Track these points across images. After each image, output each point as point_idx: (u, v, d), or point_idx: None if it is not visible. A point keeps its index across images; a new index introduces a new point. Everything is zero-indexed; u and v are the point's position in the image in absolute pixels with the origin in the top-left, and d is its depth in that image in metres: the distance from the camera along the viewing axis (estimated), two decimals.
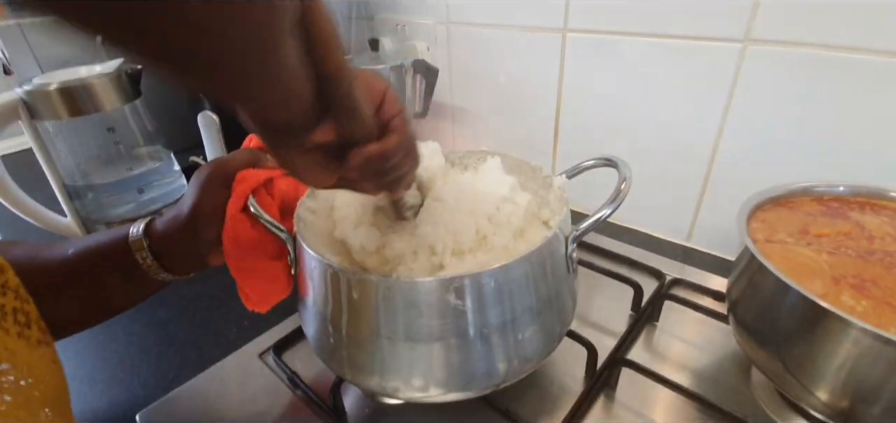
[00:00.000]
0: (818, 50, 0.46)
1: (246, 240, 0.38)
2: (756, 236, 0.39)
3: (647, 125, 0.61)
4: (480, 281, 0.31)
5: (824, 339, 0.31)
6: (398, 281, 0.31)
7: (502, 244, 0.36)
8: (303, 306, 0.39)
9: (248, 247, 0.38)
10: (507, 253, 0.36)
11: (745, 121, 0.53)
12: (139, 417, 0.44)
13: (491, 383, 0.35)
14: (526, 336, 0.34)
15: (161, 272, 0.39)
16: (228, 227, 0.37)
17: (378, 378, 0.34)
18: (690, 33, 0.53)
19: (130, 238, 0.38)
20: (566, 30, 0.63)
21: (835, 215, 0.41)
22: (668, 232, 0.65)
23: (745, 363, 0.45)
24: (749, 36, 0.49)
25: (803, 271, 0.35)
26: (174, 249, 0.39)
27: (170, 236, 0.38)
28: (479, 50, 0.75)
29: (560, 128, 0.70)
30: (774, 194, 0.43)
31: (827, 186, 0.43)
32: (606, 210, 0.35)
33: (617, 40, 0.59)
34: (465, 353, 0.33)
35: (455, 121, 0.85)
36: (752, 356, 0.39)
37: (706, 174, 0.58)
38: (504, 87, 0.74)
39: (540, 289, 0.34)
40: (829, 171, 0.48)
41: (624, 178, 0.36)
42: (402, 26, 0.84)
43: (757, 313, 0.37)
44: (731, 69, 0.51)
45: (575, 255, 0.36)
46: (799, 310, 0.32)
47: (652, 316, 0.51)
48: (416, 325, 0.32)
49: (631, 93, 0.61)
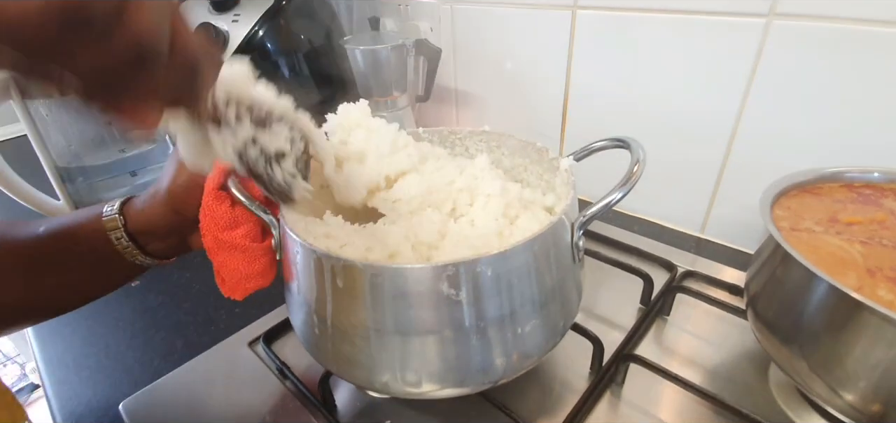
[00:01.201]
0: (849, 24, 0.42)
1: (223, 218, 0.35)
2: (780, 224, 0.36)
3: (660, 109, 0.57)
4: (476, 269, 0.28)
5: (857, 336, 0.28)
6: (386, 268, 0.29)
7: (493, 231, 0.34)
8: (288, 294, 0.36)
9: (224, 226, 0.35)
10: (501, 240, 0.34)
11: (766, 103, 0.49)
12: (122, 407, 0.42)
13: (488, 379, 0.32)
14: (526, 330, 0.31)
15: (138, 255, 0.36)
16: (205, 202, 0.35)
17: (366, 373, 0.32)
18: (709, 8, 0.49)
19: (104, 217, 0.35)
20: (576, 7, 0.60)
21: (867, 203, 0.37)
22: (680, 222, 0.62)
23: (763, 361, 0.42)
24: (774, 10, 0.45)
25: (834, 262, 0.31)
26: (153, 229, 0.36)
27: (147, 214, 0.36)
28: (483, 30, 0.71)
29: (568, 112, 0.67)
30: (800, 180, 0.40)
31: (860, 171, 0.40)
32: (617, 194, 0.32)
33: (629, 17, 0.56)
34: (460, 346, 0.30)
35: (458, 104, 0.82)
36: (772, 353, 0.36)
37: (723, 161, 0.55)
38: (509, 69, 0.71)
39: (543, 279, 0.31)
40: (857, 157, 0.44)
41: (637, 159, 0.33)
42: (404, 6, 0.80)
43: (780, 307, 0.34)
44: (754, 47, 0.48)
45: (582, 243, 0.33)
46: (829, 304, 0.29)
47: (662, 310, 0.48)
48: (406, 316, 0.29)
49: (643, 74, 0.57)
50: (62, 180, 0.66)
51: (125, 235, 0.35)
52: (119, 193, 0.68)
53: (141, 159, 0.69)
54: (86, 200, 0.67)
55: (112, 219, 0.35)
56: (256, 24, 0.68)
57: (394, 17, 0.83)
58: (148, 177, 0.70)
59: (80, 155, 0.67)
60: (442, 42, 0.76)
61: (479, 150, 0.46)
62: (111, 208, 0.36)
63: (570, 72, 0.64)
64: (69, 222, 0.36)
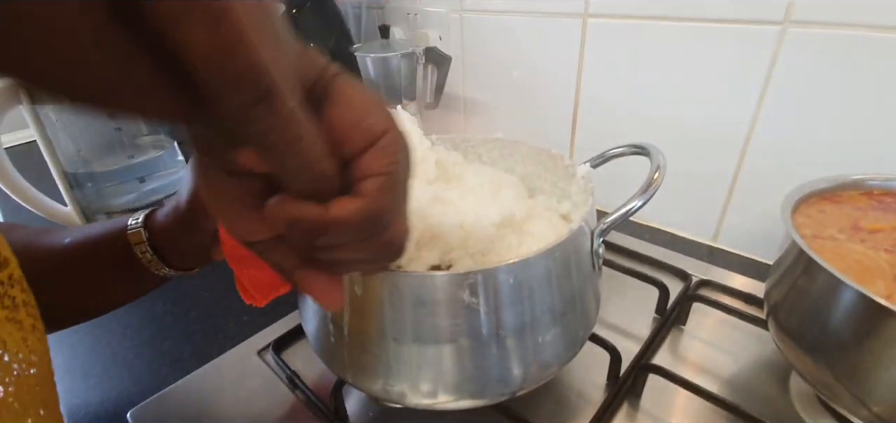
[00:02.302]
0: (865, 31, 0.42)
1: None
2: (803, 231, 0.35)
3: (672, 117, 0.57)
4: (497, 277, 0.28)
5: (886, 345, 0.28)
6: (406, 276, 0.28)
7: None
8: (302, 301, 0.36)
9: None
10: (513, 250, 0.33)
11: (781, 112, 0.49)
12: (130, 415, 0.41)
13: (506, 390, 0.31)
14: (546, 339, 0.31)
15: (162, 267, 0.36)
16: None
17: (382, 382, 0.31)
18: (723, 16, 0.49)
19: (129, 231, 0.35)
20: (587, 15, 0.60)
21: (888, 211, 0.37)
22: (692, 231, 0.61)
23: (783, 370, 0.41)
24: (789, 17, 0.45)
25: (861, 270, 0.31)
26: (175, 241, 0.36)
27: (170, 227, 0.35)
28: (493, 38, 0.71)
29: (578, 120, 0.67)
30: (821, 187, 0.39)
31: (882, 179, 0.39)
32: (637, 201, 0.31)
33: (640, 25, 0.55)
34: (479, 356, 0.30)
35: (467, 112, 0.82)
36: (795, 362, 0.35)
37: (736, 170, 0.54)
38: (519, 77, 0.71)
39: (563, 287, 0.31)
40: (871, 166, 0.44)
41: (657, 166, 0.33)
42: (414, 15, 0.81)
43: (803, 316, 0.33)
44: (768, 55, 0.47)
45: (602, 251, 0.33)
46: (857, 313, 0.29)
47: (678, 319, 0.47)
48: (425, 325, 0.29)
49: (655, 82, 0.57)
50: (70, 186, 0.65)
51: (149, 248, 0.35)
52: (127, 200, 0.68)
53: (149, 166, 0.69)
54: (93, 206, 0.67)
55: (137, 232, 0.35)
56: None
57: (403, 26, 0.83)
58: (156, 183, 0.69)
59: (89, 161, 0.67)
60: (451, 50, 0.76)
61: (491, 157, 0.46)
62: (136, 222, 0.36)
63: (581, 80, 0.64)
64: (94, 233, 0.36)
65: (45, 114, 0.63)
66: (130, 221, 0.36)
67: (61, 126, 0.65)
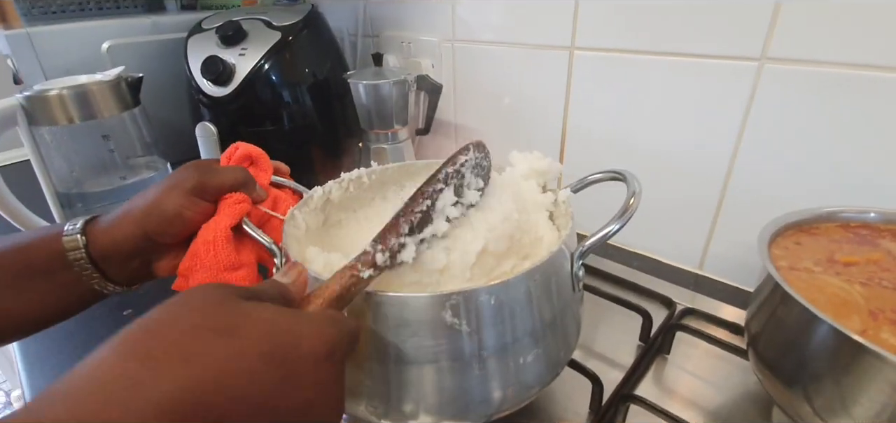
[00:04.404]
0: (840, 69, 0.43)
1: (229, 260, 0.35)
2: (779, 263, 0.36)
3: (657, 147, 0.59)
4: (478, 298, 0.28)
5: (862, 381, 0.28)
6: (387, 296, 0.28)
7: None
8: None
9: (228, 266, 0.35)
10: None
11: (760, 143, 0.50)
12: None
13: (488, 411, 0.31)
14: (527, 360, 0.31)
15: (97, 280, 0.33)
16: (214, 239, 0.35)
17: (364, 403, 0.31)
18: (704, 52, 0.51)
19: (65, 236, 0.32)
20: (573, 47, 0.62)
21: (863, 243, 0.38)
22: (678, 259, 0.62)
23: (766, 402, 0.41)
24: (766, 54, 0.47)
25: (836, 304, 0.31)
26: (117, 249, 0.33)
27: (113, 233, 0.33)
28: (483, 67, 0.73)
29: (566, 149, 0.68)
30: (797, 219, 0.40)
31: (856, 211, 0.40)
32: (614, 225, 0.32)
33: (626, 59, 0.57)
34: (461, 377, 0.30)
35: (458, 137, 0.83)
36: (775, 395, 0.35)
37: (719, 199, 0.55)
38: (508, 105, 0.73)
39: (543, 309, 0.31)
40: (850, 197, 0.45)
41: (633, 191, 0.33)
42: (407, 44, 0.83)
43: (781, 348, 0.33)
44: (747, 89, 0.49)
45: (582, 273, 0.33)
46: (832, 347, 0.29)
47: (662, 348, 0.47)
48: (406, 345, 0.29)
49: (640, 114, 0.59)
50: (61, 206, 0.66)
51: (85, 256, 0.33)
52: None
53: (141, 187, 0.69)
54: None
55: (72, 238, 0.32)
56: (262, 58, 0.70)
57: (396, 54, 0.85)
58: None
59: (81, 181, 0.67)
60: (443, 78, 0.78)
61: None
62: (73, 227, 0.33)
63: (568, 110, 0.66)
64: (26, 240, 0.33)
65: (40, 134, 0.63)
66: (67, 226, 0.33)
67: (55, 146, 0.65)
